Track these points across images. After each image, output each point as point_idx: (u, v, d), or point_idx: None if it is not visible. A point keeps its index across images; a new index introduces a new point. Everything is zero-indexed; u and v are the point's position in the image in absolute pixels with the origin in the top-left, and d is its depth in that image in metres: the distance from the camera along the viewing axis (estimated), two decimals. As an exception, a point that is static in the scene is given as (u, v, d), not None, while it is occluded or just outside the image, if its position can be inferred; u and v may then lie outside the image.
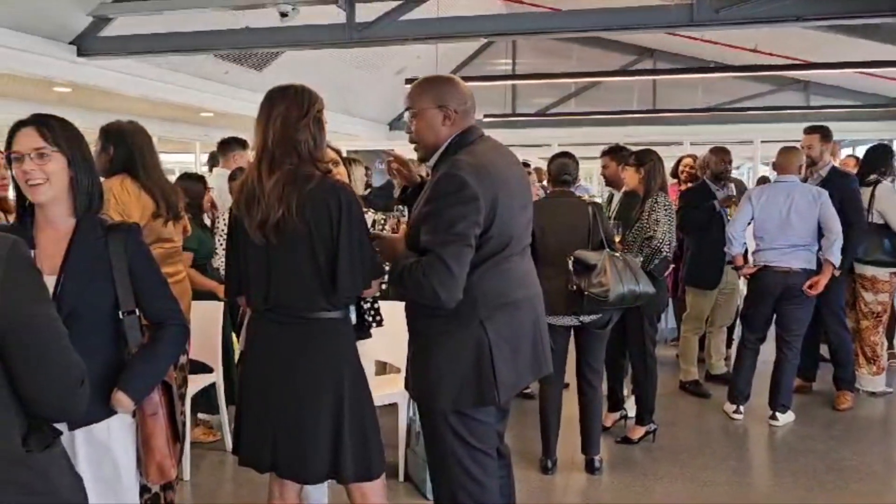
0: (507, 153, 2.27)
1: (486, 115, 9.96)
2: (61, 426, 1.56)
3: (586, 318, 3.42)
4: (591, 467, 3.63)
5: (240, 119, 8.50)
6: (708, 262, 4.86)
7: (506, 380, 2.09)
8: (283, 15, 5.08)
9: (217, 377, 3.76)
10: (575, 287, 3.27)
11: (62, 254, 1.79)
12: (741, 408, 4.41)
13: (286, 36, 5.57)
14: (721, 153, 5.02)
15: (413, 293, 2.06)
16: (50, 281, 1.66)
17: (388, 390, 3.40)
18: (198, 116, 9.14)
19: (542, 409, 3.61)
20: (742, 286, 5.06)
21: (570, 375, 3.72)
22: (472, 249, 2.01)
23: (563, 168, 3.62)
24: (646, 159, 3.98)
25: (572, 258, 3.30)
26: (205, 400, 3.90)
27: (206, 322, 3.63)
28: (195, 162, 11.74)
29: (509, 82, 11.84)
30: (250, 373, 2.30)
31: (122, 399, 1.79)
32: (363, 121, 11.43)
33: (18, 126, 1.79)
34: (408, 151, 2.48)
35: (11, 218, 2.65)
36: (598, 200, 5.76)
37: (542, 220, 3.21)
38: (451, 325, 2.08)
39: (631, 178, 4.05)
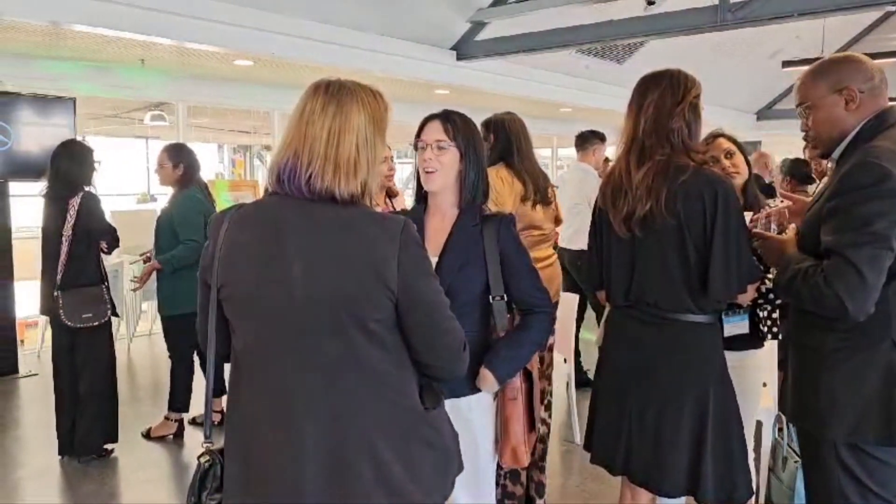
0: None
1: (886, 99, 8.51)
2: None
3: None
4: None
5: (597, 113, 8.53)
6: None
7: (927, 417, 1.70)
8: (650, 3, 4.93)
9: (569, 367, 3.80)
10: None
11: (444, 238, 1.93)
12: None
13: (654, 24, 5.40)
14: None
15: (808, 302, 1.77)
16: (432, 262, 1.79)
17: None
18: (557, 112, 9.42)
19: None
20: None
21: None
22: (892, 254, 1.67)
23: None
24: None
25: None
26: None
27: (562, 313, 3.67)
28: (552, 156, 12.19)
29: (914, 58, 9.99)
30: (607, 370, 2.23)
31: (487, 377, 1.86)
32: (727, 110, 10.67)
33: (429, 119, 1.99)
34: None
35: (395, 200, 3.10)
36: None
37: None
38: (854, 342, 1.75)
39: None
